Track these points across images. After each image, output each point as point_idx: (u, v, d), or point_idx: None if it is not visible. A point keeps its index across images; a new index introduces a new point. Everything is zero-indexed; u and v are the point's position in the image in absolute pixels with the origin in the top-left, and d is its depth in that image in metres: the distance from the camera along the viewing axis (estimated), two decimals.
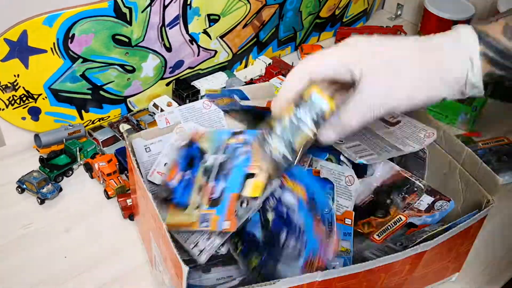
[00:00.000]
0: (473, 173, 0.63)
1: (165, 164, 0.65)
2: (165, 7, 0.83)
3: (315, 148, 0.64)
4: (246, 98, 0.63)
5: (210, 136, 0.61)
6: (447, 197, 0.66)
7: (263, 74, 1.06)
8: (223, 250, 0.62)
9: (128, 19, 0.80)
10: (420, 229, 0.64)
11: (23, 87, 0.78)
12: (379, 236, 0.64)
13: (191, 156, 0.60)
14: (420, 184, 0.68)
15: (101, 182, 0.79)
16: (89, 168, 0.81)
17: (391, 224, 0.65)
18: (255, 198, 0.57)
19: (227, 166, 0.59)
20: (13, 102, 0.79)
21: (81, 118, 0.87)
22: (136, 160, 0.58)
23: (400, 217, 0.65)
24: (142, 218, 0.65)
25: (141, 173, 0.56)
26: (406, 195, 0.67)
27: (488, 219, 0.60)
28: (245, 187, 0.57)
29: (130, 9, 0.79)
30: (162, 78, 0.93)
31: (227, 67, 1.03)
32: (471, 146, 0.85)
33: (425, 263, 0.58)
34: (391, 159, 0.71)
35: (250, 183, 0.57)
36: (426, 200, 0.67)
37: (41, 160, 0.82)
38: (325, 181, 0.63)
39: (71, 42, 0.77)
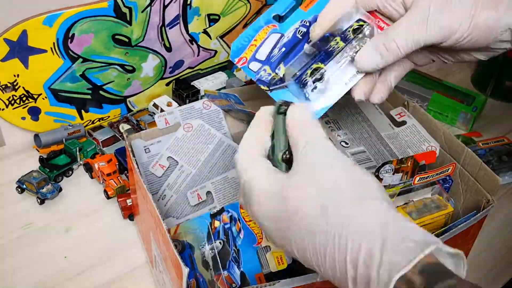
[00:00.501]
0: (473, 173, 0.63)
1: (168, 157, 0.65)
2: (165, 7, 0.83)
3: None
4: (241, 103, 0.63)
5: (188, 228, 0.59)
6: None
7: None
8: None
9: (128, 19, 0.80)
10: None
11: (23, 87, 0.78)
12: None
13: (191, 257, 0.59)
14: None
15: (101, 182, 0.79)
16: (89, 168, 0.81)
17: None
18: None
19: (229, 251, 0.57)
20: (13, 102, 0.79)
21: (81, 118, 0.87)
22: (135, 160, 0.58)
23: None
24: (142, 218, 0.65)
25: (140, 173, 0.56)
26: None
27: (488, 219, 0.60)
28: (268, 263, 0.57)
29: (130, 9, 0.79)
30: (162, 78, 0.93)
31: (227, 67, 1.03)
32: (471, 146, 0.85)
33: None
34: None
35: (271, 258, 0.57)
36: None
37: (41, 160, 0.82)
38: None
39: (71, 42, 0.77)
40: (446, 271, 0.33)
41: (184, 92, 0.93)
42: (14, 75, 0.76)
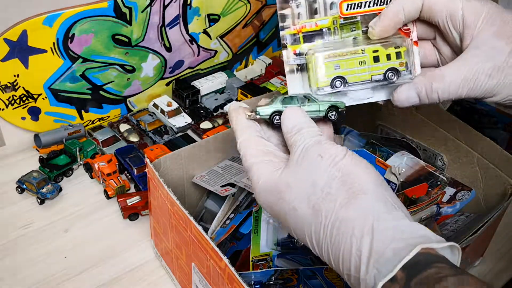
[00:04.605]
0: (493, 161, 0.63)
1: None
2: (165, 7, 0.83)
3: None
4: None
5: None
6: (468, 187, 0.66)
7: (263, 74, 1.06)
8: None
9: (128, 19, 0.80)
10: (441, 221, 0.64)
11: (23, 87, 0.78)
12: None
13: None
14: (443, 177, 0.67)
15: (101, 182, 0.79)
16: (89, 168, 0.81)
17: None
18: None
19: None
20: (13, 102, 0.79)
21: (81, 118, 0.87)
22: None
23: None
24: (173, 244, 0.60)
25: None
26: (430, 189, 0.67)
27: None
28: None
29: (130, 9, 0.79)
30: (162, 78, 0.93)
31: (227, 67, 1.03)
32: None
33: (465, 256, 0.59)
34: (416, 155, 0.71)
35: None
36: (448, 192, 0.66)
37: (41, 160, 0.82)
38: None
39: (71, 42, 0.77)
40: (427, 262, 0.33)
41: (184, 92, 0.93)
42: (14, 75, 0.76)
